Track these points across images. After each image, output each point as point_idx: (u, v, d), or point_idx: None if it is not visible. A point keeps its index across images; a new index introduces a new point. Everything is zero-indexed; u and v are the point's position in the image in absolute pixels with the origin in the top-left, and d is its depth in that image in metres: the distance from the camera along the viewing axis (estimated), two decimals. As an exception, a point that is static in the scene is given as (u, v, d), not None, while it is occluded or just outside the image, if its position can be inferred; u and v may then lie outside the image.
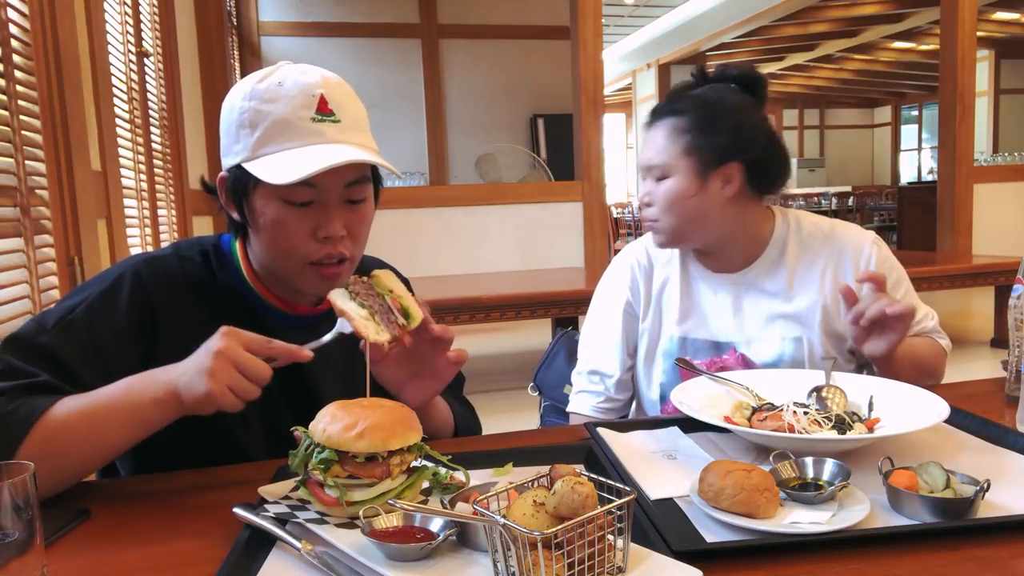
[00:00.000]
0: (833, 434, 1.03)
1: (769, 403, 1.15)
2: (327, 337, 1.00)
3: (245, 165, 1.03)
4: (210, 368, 0.90)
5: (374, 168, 1.10)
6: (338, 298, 1.00)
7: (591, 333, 1.55)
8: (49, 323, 1.02)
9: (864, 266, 1.41)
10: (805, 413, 1.07)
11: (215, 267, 1.13)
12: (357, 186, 1.07)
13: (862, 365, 1.44)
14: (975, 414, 1.13)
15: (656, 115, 1.43)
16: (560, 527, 0.66)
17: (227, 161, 1.07)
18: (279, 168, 0.99)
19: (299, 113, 1.02)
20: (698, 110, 1.38)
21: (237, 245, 1.15)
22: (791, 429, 1.03)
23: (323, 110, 1.03)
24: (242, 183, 1.05)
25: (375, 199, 1.13)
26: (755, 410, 1.12)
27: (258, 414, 1.11)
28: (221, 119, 1.08)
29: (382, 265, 1.24)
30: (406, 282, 1.34)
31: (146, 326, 1.07)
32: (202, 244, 1.16)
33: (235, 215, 1.10)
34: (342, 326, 0.99)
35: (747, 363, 1.40)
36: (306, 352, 0.97)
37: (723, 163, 1.37)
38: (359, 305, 1.00)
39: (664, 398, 1.44)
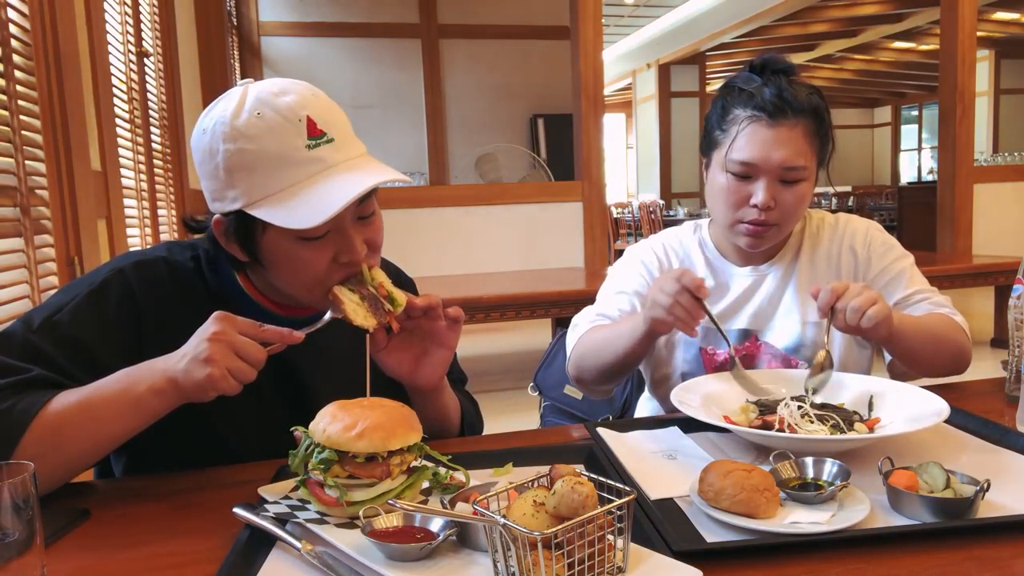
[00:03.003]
0: (833, 434, 1.03)
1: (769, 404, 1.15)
2: (320, 323, 1.02)
3: (250, 211, 0.97)
4: (209, 353, 0.91)
5: None
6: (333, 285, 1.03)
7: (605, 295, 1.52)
8: (36, 322, 1.01)
9: (864, 247, 1.45)
10: (801, 407, 1.07)
11: (206, 271, 1.11)
12: (367, 201, 1.03)
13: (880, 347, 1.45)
14: (975, 414, 1.13)
15: (785, 112, 1.32)
16: (560, 527, 0.66)
17: (220, 206, 1.01)
18: (296, 212, 0.94)
19: (292, 143, 0.96)
20: (816, 110, 1.35)
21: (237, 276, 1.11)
22: (791, 429, 1.03)
23: (314, 133, 0.97)
24: (247, 227, 1.01)
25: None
26: (761, 414, 1.12)
27: (252, 417, 1.11)
28: (198, 161, 1.01)
29: (386, 265, 1.25)
30: (411, 283, 1.34)
31: (132, 330, 1.06)
32: (195, 247, 1.13)
33: (240, 256, 1.05)
34: (333, 311, 1.02)
35: (769, 350, 1.42)
36: (297, 334, 0.97)
37: (823, 165, 1.40)
38: (350, 290, 1.03)
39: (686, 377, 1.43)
